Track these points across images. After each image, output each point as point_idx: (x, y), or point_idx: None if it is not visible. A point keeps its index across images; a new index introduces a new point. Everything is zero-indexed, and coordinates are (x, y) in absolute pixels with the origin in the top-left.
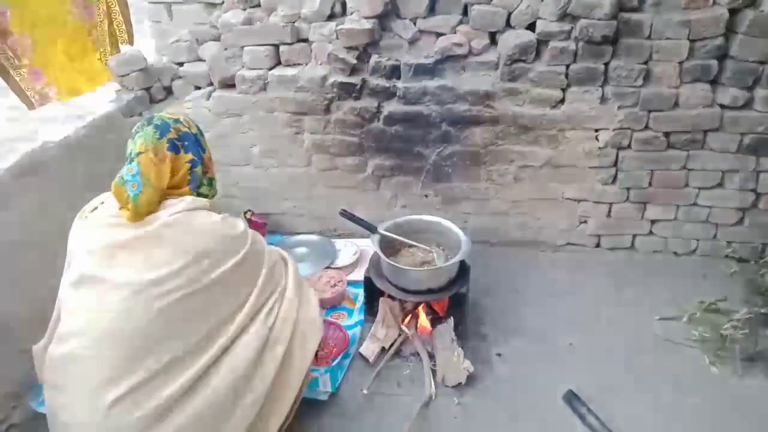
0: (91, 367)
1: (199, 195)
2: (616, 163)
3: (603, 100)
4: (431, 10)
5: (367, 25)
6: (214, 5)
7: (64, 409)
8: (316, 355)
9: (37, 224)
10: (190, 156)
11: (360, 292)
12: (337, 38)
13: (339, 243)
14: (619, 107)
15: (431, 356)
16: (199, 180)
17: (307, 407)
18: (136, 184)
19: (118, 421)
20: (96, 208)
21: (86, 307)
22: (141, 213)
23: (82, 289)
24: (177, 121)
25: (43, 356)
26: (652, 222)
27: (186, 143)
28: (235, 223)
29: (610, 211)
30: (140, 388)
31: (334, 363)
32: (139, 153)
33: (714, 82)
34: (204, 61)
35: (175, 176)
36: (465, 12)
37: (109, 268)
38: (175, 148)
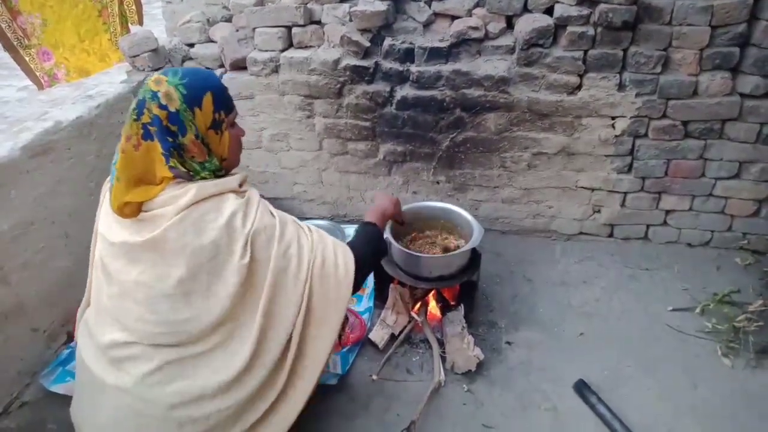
0: (125, 344)
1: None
2: (632, 152)
3: (621, 87)
4: None
5: (381, 6)
6: None
7: (94, 371)
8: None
9: (49, 204)
10: (160, 149)
11: (370, 278)
12: (351, 20)
13: (349, 228)
14: (637, 94)
15: (441, 343)
16: (184, 173)
17: (315, 392)
18: (110, 178)
19: (149, 392)
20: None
21: (112, 295)
22: (117, 212)
23: (108, 277)
24: (154, 96)
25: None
26: (667, 212)
27: (157, 129)
28: (248, 211)
29: (624, 200)
30: (171, 366)
31: (344, 349)
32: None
33: (734, 70)
34: (215, 42)
35: (155, 170)
36: None
37: (128, 267)
38: (149, 136)
